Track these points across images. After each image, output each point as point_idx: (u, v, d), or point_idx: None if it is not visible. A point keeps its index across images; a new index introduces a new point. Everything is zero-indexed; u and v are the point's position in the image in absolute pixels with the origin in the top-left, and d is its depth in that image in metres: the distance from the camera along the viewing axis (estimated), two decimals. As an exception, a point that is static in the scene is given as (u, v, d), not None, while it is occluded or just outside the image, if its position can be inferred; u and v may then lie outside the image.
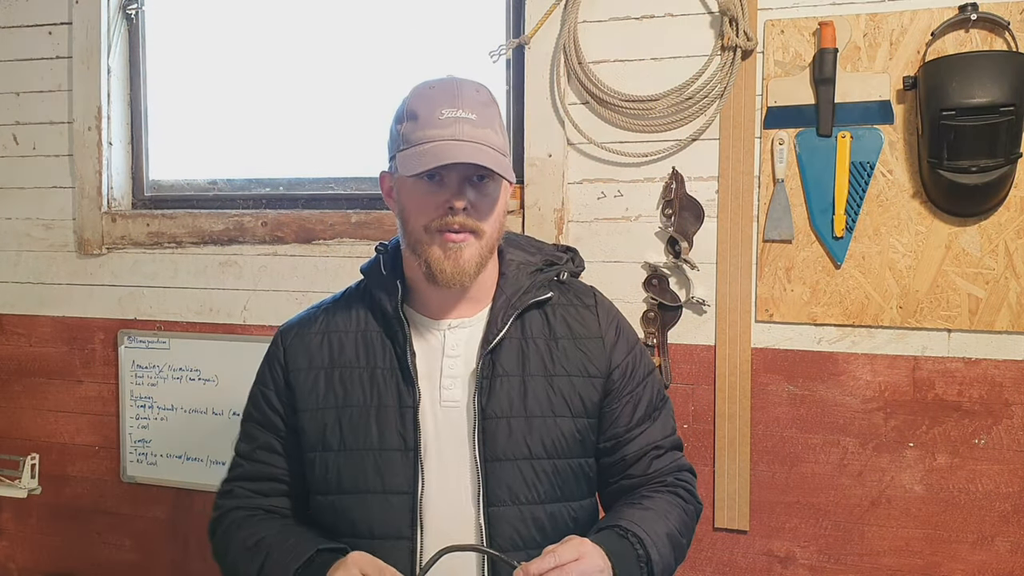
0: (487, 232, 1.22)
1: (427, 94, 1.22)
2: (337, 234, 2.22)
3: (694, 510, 1.32)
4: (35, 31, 2.44)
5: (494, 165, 1.17)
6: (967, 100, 1.68)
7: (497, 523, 1.21)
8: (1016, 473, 1.81)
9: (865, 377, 1.88)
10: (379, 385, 1.26)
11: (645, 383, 1.33)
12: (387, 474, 1.23)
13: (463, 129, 1.18)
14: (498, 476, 1.22)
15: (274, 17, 2.38)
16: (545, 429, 1.24)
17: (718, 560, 1.99)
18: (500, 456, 1.23)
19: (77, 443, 2.47)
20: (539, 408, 1.25)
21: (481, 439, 1.23)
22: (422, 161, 1.17)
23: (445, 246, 1.20)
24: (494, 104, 1.25)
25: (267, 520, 1.30)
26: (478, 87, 1.24)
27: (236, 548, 1.27)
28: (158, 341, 2.37)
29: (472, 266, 1.22)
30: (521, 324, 1.28)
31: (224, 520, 1.32)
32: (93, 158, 2.38)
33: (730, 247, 1.94)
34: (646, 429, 1.31)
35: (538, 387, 1.25)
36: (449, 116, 1.18)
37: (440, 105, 1.19)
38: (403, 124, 1.23)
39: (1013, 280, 1.79)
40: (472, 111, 1.20)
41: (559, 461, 1.25)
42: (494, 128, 1.22)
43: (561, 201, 2.04)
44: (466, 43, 2.19)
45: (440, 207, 1.20)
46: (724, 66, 1.91)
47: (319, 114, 2.35)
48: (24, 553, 2.56)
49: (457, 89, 1.21)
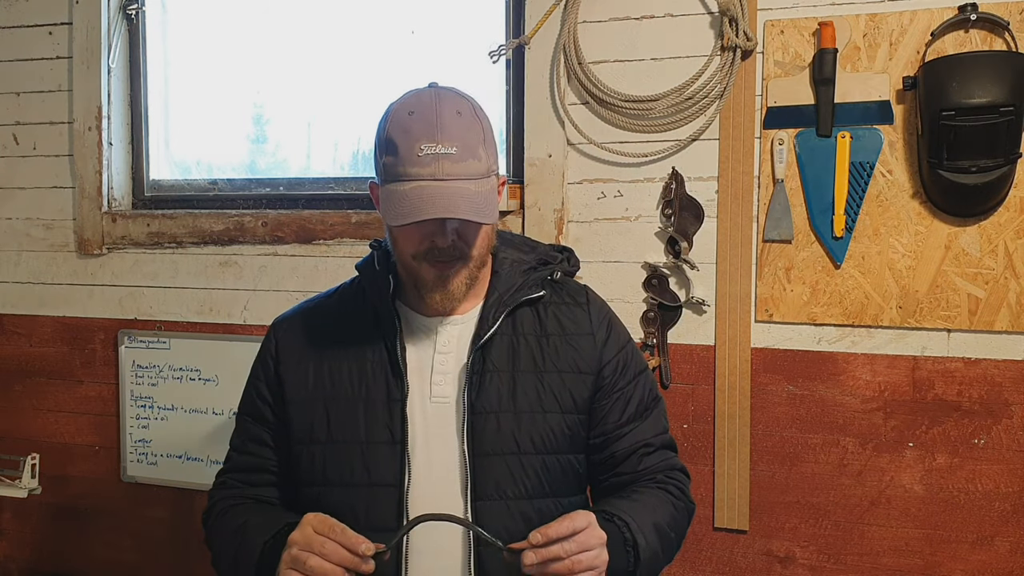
0: (475, 255, 1.24)
1: (406, 124, 1.18)
2: (337, 234, 2.22)
3: (685, 508, 1.32)
4: (35, 31, 2.44)
5: (473, 213, 1.16)
6: (967, 100, 1.68)
7: (484, 518, 1.21)
8: (1016, 473, 1.81)
9: (865, 377, 1.89)
10: (368, 378, 1.27)
11: (636, 381, 1.33)
12: (373, 467, 1.23)
13: (443, 167, 1.15)
14: (486, 471, 1.23)
15: (274, 16, 2.38)
16: (534, 425, 1.25)
17: (718, 560, 1.99)
18: (488, 451, 1.23)
19: (77, 443, 2.48)
20: (528, 404, 1.25)
21: (470, 434, 1.23)
22: (402, 209, 1.16)
23: (431, 272, 1.23)
24: (476, 120, 1.21)
25: (253, 507, 1.31)
26: (459, 106, 1.20)
27: (222, 534, 1.30)
28: (158, 341, 2.37)
29: (462, 290, 1.25)
30: (512, 321, 1.29)
31: (215, 510, 1.34)
32: (93, 158, 2.38)
33: (730, 247, 1.94)
34: (636, 427, 1.31)
35: (528, 383, 1.26)
36: (428, 153, 1.15)
37: (419, 139, 1.16)
38: (384, 156, 1.20)
39: (1013, 280, 1.79)
40: (452, 144, 1.16)
41: (548, 457, 1.26)
42: (476, 155, 1.18)
43: (561, 201, 2.04)
44: (466, 43, 2.19)
45: (424, 240, 1.21)
46: (724, 66, 1.91)
47: (319, 114, 2.36)
48: (24, 553, 2.56)
49: (436, 118, 1.17)
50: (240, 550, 1.23)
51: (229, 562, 1.27)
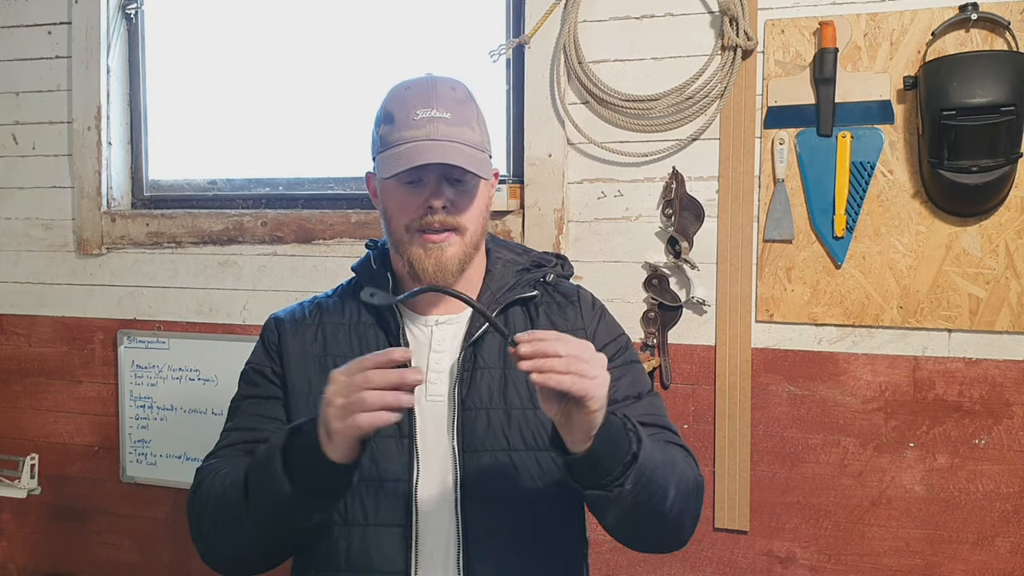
0: (469, 228, 1.24)
1: (403, 95, 1.24)
2: (337, 234, 2.22)
3: (688, 460, 1.24)
4: (35, 31, 2.43)
5: (468, 163, 1.18)
6: (967, 100, 1.68)
7: (473, 513, 1.21)
8: (1016, 473, 1.81)
9: (865, 377, 1.88)
10: None
11: (628, 368, 1.31)
12: (382, 461, 1.23)
13: (438, 128, 1.19)
14: (476, 467, 1.22)
15: (274, 16, 2.37)
16: (525, 421, 1.24)
17: (718, 560, 1.99)
18: (478, 447, 1.23)
19: (77, 443, 2.47)
20: (520, 400, 1.25)
21: (460, 430, 1.23)
22: (397, 163, 1.19)
23: (426, 246, 1.22)
24: (471, 101, 1.26)
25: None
26: (454, 85, 1.25)
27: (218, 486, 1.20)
28: (157, 341, 2.37)
29: (455, 263, 1.23)
30: (504, 319, 1.29)
31: (203, 483, 1.24)
32: (93, 158, 2.38)
33: (730, 247, 1.94)
34: (629, 406, 1.27)
35: (519, 380, 1.25)
36: (423, 116, 1.20)
37: (415, 105, 1.21)
38: (381, 127, 1.25)
39: (1013, 280, 1.79)
40: (447, 110, 1.20)
41: (540, 454, 1.24)
42: (471, 125, 1.23)
43: (561, 201, 2.04)
44: (466, 43, 2.19)
45: (419, 207, 1.21)
46: (724, 66, 1.90)
47: (319, 114, 2.35)
48: (24, 553, 2.56)
49: (432, 88, 1.22)
50: (253, 472, 1.12)
51: (235, 500, 1.14)
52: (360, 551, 1.22)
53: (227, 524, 1.18)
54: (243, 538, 1.18)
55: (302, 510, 1.10)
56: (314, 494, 1.09)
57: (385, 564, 1.21)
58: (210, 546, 1.24)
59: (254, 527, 1.15)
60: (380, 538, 1.21)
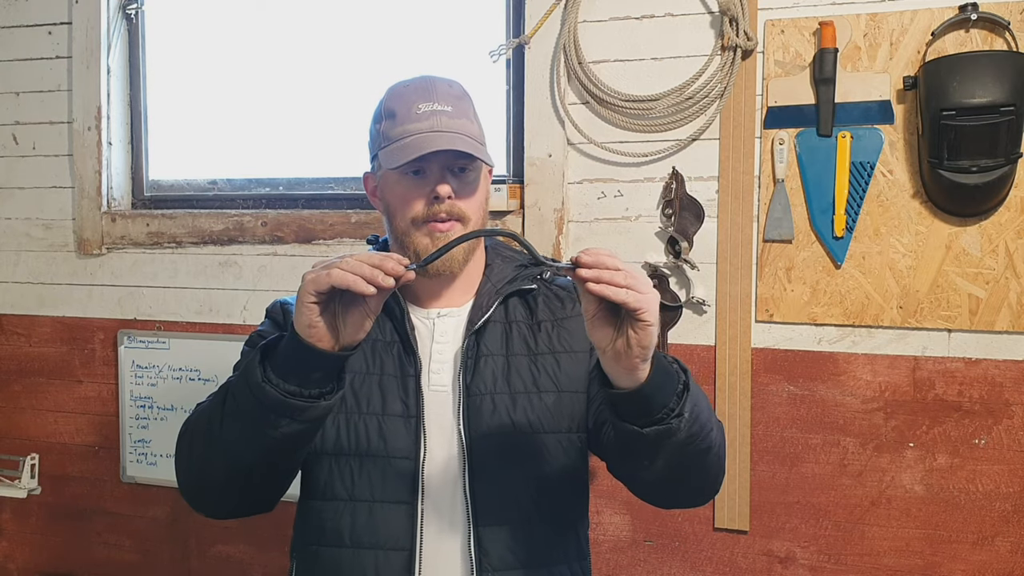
0: (472, 219, 1.26)
1: (402, 92, 1.28)
2: (337, 234, 2.22)
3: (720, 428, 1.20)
4: (35, 31, 2.43)
5: (474, 150, 1.22)
6: (967, 100, 1.68)
7: (482, 498, 1.23)
8: (1016, 473, 1.81)
9: (865, 377, 1.88)
10: (380, 356, 1.28)
11: None
12: (390, 438, 1.24)
13: (440, 120, 1.23)
14: (483, 449, 1.24)
15: (274, 16, 2.38)
16: (530, 405, 1.26)
17: (718, 560, 1.99)
18: (485, 431, 1.24)
19: (77, 443, 2.47)
20: (523, 385, 1.27)
21: (466, 416, 1.24)
22: (404, 153, 1.21)
23: (433, 235, 1.24)
24: (468, 97, 1.30)
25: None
26: (451, 82, 1.30)
27: (202, 410, 1.19)
28: (158, 341, 2.37)
29: (460, 252, 1.25)
30: (505, 309, 1.32)
31: (190, 417, 1.23)
32: (93, 158, 2.38)
33: (730, 247, 1.94)
34: None
35: (522, 365, 1.28)
36: (426, 110, 1.24)
37: (416, 100, 1.25)
38: (381, 123, 1.28)
39: (1013, 280, 1.79)
40: (447, 104, 1.25)
41: (546, 436, 1.26)
42: (469, 118, 1.27)
43: (561, 201, 2.04)
44: (466, 43, 2.19)
45: (425, 198, 1.24)
46: (724, 66, 1.90)
47: (319, 114, 2.35)
48: (24, 553, 2.56)
49: (431, 85, 1.27)
50: (233, 380, 1.12)
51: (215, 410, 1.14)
52: (366, 527, 1.23)
53: (208, 443, 1.15)
54: (221, 456, 1.14)
55: (275, 411, 1.06)
56: (287, 379, 1.05)
57: (391, 540, 1.22)
58: (190, 478, 1.22)
59: (233, 440, 1.11)
60: (386, 514, 1.23)
